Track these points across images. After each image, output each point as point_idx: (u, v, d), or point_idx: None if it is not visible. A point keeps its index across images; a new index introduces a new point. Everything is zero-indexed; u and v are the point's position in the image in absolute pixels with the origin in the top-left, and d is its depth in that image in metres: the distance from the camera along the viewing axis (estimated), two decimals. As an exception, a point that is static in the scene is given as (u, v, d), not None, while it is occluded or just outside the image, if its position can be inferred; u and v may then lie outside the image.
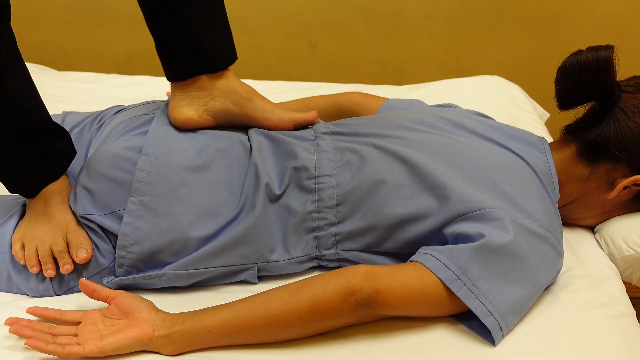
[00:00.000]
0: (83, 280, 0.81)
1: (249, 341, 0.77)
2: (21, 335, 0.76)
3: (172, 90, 0.95)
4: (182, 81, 0.94)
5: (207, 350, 0.77)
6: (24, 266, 0.88)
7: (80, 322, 0.78)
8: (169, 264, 0.86)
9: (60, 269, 0.86)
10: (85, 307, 0.84)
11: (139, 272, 0.86)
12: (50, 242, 0.86)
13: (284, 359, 0.76)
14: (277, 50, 1.96)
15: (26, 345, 0.74)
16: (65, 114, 1.13)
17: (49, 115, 0.90)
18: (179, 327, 0.76)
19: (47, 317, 0.80)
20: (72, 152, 0.94)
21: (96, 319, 0.78)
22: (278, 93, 1.45)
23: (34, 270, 0.86)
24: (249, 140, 0.95)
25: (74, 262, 0.87)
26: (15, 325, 0.77)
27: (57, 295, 0.88)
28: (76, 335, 0.76)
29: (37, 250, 0.86)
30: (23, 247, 0.87)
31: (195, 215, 0.86)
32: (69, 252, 0.87)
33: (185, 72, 0.93)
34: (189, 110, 0.94)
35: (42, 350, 0.74)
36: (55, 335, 0.76)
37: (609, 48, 0.85)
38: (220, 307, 0.78)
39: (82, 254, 0.85)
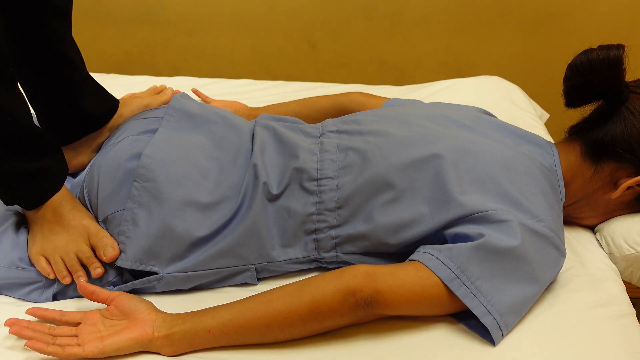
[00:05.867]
0: (81, 282, 0.81)
1: (249, 341, 0.77)
2: (21, 337, 0.76)
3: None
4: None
5: (207, 350, 0.77)
6: (22, 282, 0.87)
7: (80, 323, 0.78)
8: (164, 260, 0.86)
9: (92, 273, 0.85)
10: (84, 308, 0.84)
11: (133, 263, 0.86)
12: (75, 249, 0.86)
13: (284, 359, 0.76)
14: (277, 50, 1.95)
15: (26, 347, 0.74)
16: None
17: (40, 130, 0.88)
18: (179, 327, 0.76)
19: (46, 318, 0.80)
20: (65, 168, 0.93)
21: (96, 319, 0.78)
22: (278, 93, 1.45)
23: (66, 280, 0.85)
24: (253, 138, 0.96)
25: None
26: (15, 327, 0.77)
27: (54, 300, 0.88)
28: (76, 336, 0.76)
29: (63, 260, 0.86)
30: (48, 261, 0.86)
31: (194, 209, 0.86)
32: (95, 255, 0.86)
33: (75, 137, 1.04)
34: (81, 157, 1.04)
35: (42, 352, 0.74)
36: (55, 336, 0.77)
37: (620, 47, 0.85)
38: (220, 308, 0.78)
39: (109, 252, 0.85)
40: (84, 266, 0.87)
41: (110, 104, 1.08)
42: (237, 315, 0.76)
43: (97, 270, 0.85)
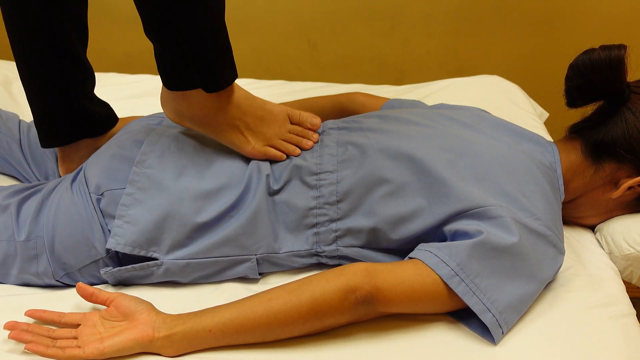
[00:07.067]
0: (80, 284, 0.81)
1: (250, 340, 0.77)
2: (21, 341, 0.76)
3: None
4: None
5: (208, 350, 0.77)
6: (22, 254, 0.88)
7: (80, 325, 0.78)
8: (164, 246, 0.86)
9: (311, 141, 0.94)
10: (83, 309, 0.84)
11: (133, 249, 0.86)
12: (289, 129, 0.95)
13: (284, 358, 0.76)
14: (277, 50, 1.95)
15: (26, 350, 0.74)
16: None
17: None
18: (179, 328, 0.76)
19: (45, 320, 0.80)
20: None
21: (96, 321, 0.78)
22: (278, 93, 1.45)
23: (297, 152, 0.93)
24: None
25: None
26: (14, 331, 0.76)
27: (54, 278, 0.89)
28: (76, 337, 0.76)
29: (283, 140, 0.94)
30: (273, 147, 0.93)
31: (196, 195, 0.87)
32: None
33: (77, 134, 1.04)
34: (83, 157, 1.05)
35: (42, 355, 0.73)
36: (55, 338, 0.76)
37: (622, 47, 0.86)
38: (220, 307, 0.78)
39: (315, 121, 0.96)
40: None
41: (112, 114, 1.11)
42: (238, 314, 0.76)
43: (314, 135, 0.95)
